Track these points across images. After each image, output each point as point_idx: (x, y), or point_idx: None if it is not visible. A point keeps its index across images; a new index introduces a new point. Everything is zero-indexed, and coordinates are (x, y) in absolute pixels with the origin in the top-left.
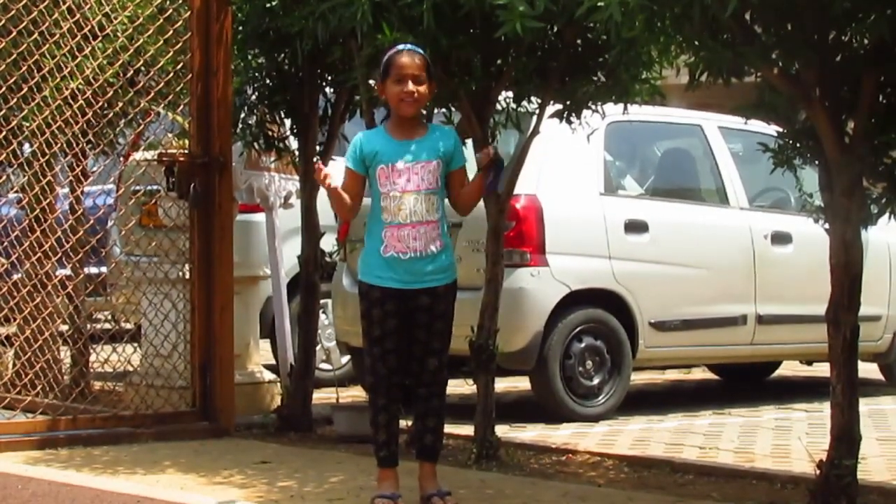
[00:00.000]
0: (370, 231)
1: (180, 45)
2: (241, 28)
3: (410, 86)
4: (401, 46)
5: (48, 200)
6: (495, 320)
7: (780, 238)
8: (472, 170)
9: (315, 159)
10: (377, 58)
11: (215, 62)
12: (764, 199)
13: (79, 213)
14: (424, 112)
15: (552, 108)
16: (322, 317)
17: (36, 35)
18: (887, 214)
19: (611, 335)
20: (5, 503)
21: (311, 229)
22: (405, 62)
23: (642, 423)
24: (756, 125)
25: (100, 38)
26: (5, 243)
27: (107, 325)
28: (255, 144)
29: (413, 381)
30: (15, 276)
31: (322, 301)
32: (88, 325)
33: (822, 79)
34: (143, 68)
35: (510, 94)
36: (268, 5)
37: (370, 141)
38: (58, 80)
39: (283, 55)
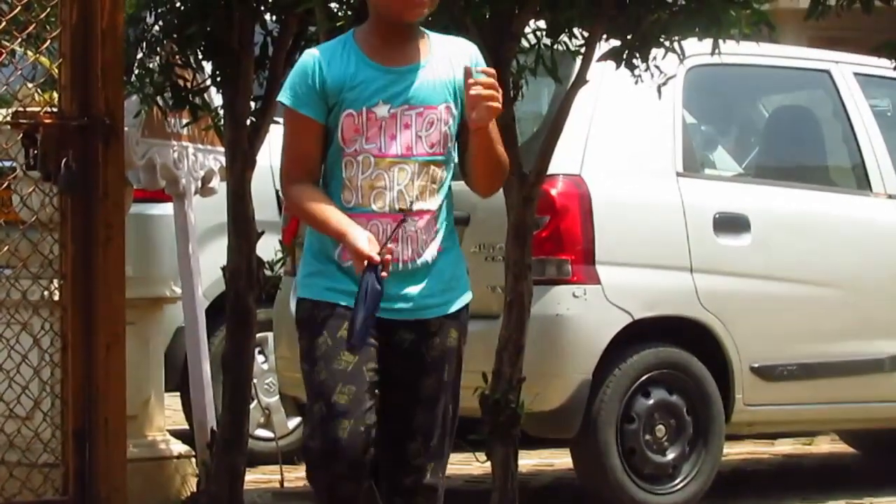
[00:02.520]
0: None
1: None
2: None
3: None
4: None
5: None
6: (520, 364)
7: None
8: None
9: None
10: None
11: None
12: None
13: None
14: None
15: (605, 45)
16: (259, 359)
17: None
18: None
19: (693, 387)
20: None
21: (242, 227)
22: None
23: None
24: None
25: None
26: None
27: None
28: (159, 99)
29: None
30: None
31: (259, 335)
32: None
33: None
34: None
35: (542, 23)
36: None
37: (333, 63)
38: None
39: None
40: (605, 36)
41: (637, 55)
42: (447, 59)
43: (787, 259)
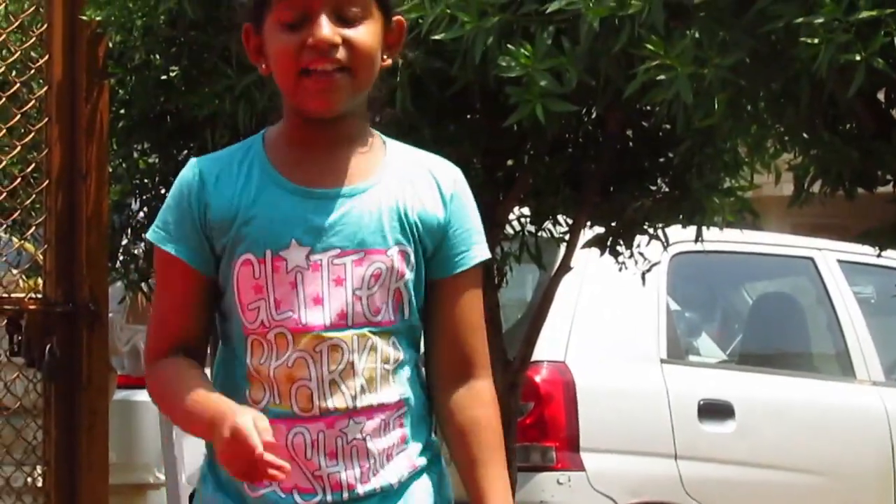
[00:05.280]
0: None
1: (31, 136)
2: (123, 111)
3: (325, 28)
4: None
5: None
6: None
7: None
8: None
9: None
10: None
11: (84, 162)
12: None
13: None
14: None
15: (589, 232)
16: None
17: None
18: None
19: None
20: None
21: None
22: None
23: None
24: (895, 258)
25: None
26: None
27: None
28: (144, 286)
29: None
30: None
31: None
32: None
33: None
34: None
35: (526, 210)
36: (164, 77)
37: (223, 179)
38: None
39: (186, 151)
40: (588, 223)
41: (621, 242)
42: (407, 180)
43: (772, 446)
